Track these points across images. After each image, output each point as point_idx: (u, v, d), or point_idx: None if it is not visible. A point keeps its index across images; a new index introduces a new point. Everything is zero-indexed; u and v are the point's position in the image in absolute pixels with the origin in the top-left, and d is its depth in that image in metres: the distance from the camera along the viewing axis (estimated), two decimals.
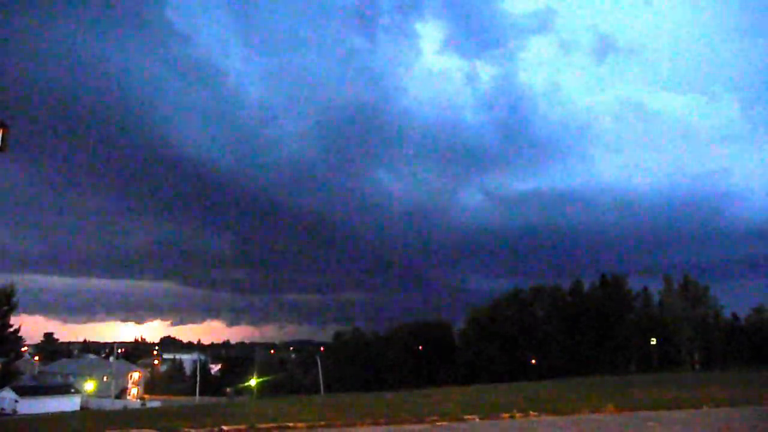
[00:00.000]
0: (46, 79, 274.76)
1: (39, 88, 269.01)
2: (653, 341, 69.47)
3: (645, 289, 78.52)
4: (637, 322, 72.62)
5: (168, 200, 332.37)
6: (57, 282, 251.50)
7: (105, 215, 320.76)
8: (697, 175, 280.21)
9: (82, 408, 74.29)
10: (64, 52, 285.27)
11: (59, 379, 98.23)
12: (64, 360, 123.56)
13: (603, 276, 77.93)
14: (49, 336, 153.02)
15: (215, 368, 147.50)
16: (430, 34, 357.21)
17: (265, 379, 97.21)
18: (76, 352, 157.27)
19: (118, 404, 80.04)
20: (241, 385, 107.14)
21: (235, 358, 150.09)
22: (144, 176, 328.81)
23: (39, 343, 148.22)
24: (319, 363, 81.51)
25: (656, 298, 78.11)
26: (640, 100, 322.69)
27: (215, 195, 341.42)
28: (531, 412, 16.26)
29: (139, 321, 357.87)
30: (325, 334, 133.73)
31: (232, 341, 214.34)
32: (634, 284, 78.90)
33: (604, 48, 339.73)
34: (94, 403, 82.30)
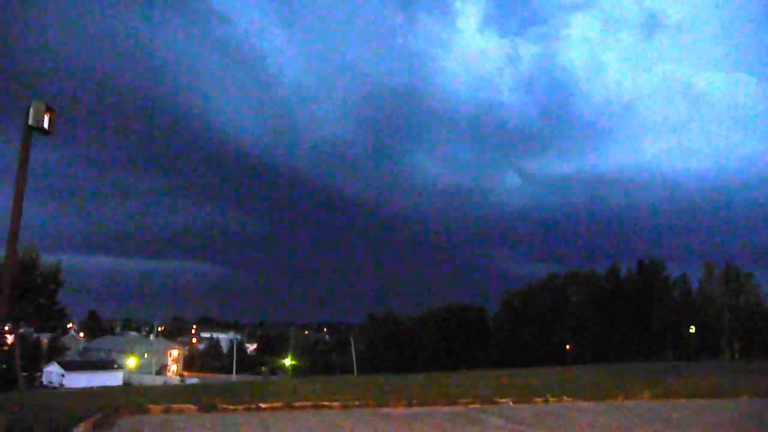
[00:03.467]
0: (88, 61, 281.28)
1: (81, 71, 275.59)
2: (692, 329, 68.15)
3: (684, 275, 76.89)
4: (675, 309, 71.26)
5: (206, 182, 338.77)
6: (101, 261, 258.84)
7: (147, 196, 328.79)
8: (745, 157, 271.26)
9: (124, 383, 76.70)
10: (105, 33, 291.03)
11: (103, 355, 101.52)
12: (107, 337, 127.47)
13: (640, 262, 76.57)
14: (92, 313, 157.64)
15: (251, 347, 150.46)
16: (469, 11, 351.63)
17: (299, 358, 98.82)
18: (118, 329, 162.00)
19: (159, 380, 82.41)
20: (276, 364, 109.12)
21: (271, 338, 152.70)
22: (183, 158, 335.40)
23: (83, 320, 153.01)
24: (352, 344, 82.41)
25: (696, 285, 76.46)
26: (688, 79, 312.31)
27: (253, 176, 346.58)
28: (564, 397, 16.25)
29: (178, 300, 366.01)
30: (358, 316, 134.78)
31: (268, 321, 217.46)
32: (673, 270, 77.38)
33: (652, 25, 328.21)
34: (135, 379, 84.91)
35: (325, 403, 14.41)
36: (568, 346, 71.48)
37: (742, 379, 22.66)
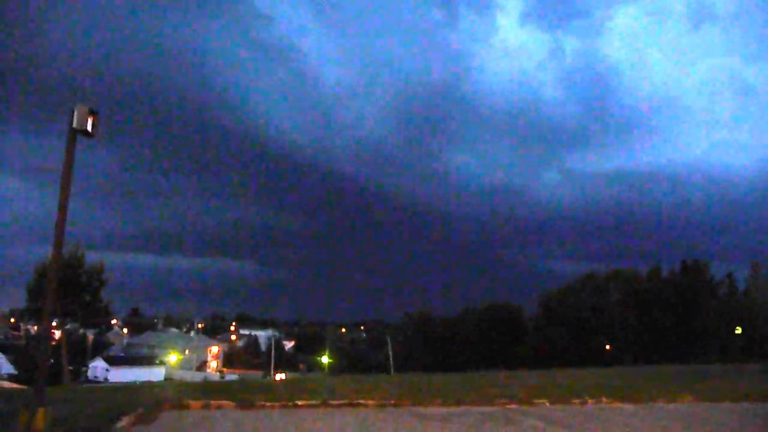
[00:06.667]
0: (133, 64, 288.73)
1: (126, 73, 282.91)
2: (738, 330, 66.02)
3: (729, 275, 74.50)
4: (720, 310, 69.18)
5: (247, 181, 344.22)
6: (143, 259, 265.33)
7: (188, 196, 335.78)
8: None
9: (166, 379, 78.50)
10: (149, 35, 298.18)
11: (145, 351, 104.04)
12: (149, 333, 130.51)
13: (683, 261, 74.55)
14: (135, 310, 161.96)
15: (288, 345, 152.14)
16: (510, 6, 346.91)
17: (336, 356, 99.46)
18: (159, 325, 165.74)
19: (199, 376, 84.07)
20: (313, 362, 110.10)
21: (308, 336, 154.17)
22: (225, 158, 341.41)
23: (126, 317, 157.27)
24: (389, 342, 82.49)
25: (743, 286, 74.01)
26: (737, 72, 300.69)
27: (293, 175, 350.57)
28: (603, 398, 15.96)
29: (218, 297, 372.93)
30: (395, 314, 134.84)
31: (305, 320, 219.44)
32: (718, 270, 75.03)
33: (700, 16, 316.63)
34: (177, 375, 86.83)
35: (361, 401, 14.49)
36: (607, 347, 70.09)
37: None
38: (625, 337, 69.14)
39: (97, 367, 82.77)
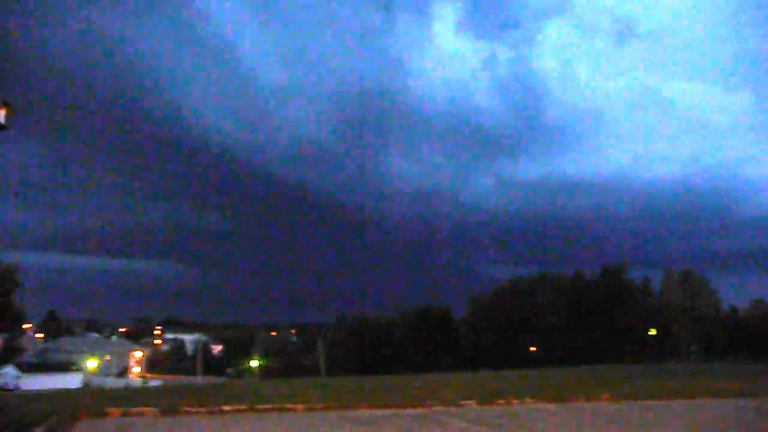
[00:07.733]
0: (57, 56, 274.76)
1: (48, 65, 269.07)
2: (652, 331, 69.72)
3: (646, 279, 78.63)
4: (637, 312, 72.81)
5: (174, 179, 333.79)
6: (61, 260, 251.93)
7: (110, 194, 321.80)
8: (712, 166, 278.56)
9: (84, 385, 74.91)
10: (76, 27, 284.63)
11: (62, 357, 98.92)
12: (66, 338, 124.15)
13: (604, 266, 78.02)
14: (52, 314, 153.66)
15: (216, 349, 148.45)
16: (446, 14, 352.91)
17: (267, 360, 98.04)
18: (78, 330, 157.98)
19: (120, 383, 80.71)
20: (242, 366, 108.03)
21: (237, 339, 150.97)
22: (151, 155, 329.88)
23: (42, 321, 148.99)
24: (319, 346, 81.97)
25: (657, 290, 78.23)
26: (658, 87, 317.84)
27: (222, 174, 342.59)
28: (527, 399, 16.46)
29: (142, 300, 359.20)
30: (327, 317, 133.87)
31: (234, 322, 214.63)
32: (636, 275, 79.02)
33: (624, 32, 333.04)
34: (96, 381, 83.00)
35: (289, 405, 14.33)
36: (533, 349, 72.23)
37: (699, 381, 23.23)
38: (552, 339, 71.53)
39: (9, 374, 77.98)
